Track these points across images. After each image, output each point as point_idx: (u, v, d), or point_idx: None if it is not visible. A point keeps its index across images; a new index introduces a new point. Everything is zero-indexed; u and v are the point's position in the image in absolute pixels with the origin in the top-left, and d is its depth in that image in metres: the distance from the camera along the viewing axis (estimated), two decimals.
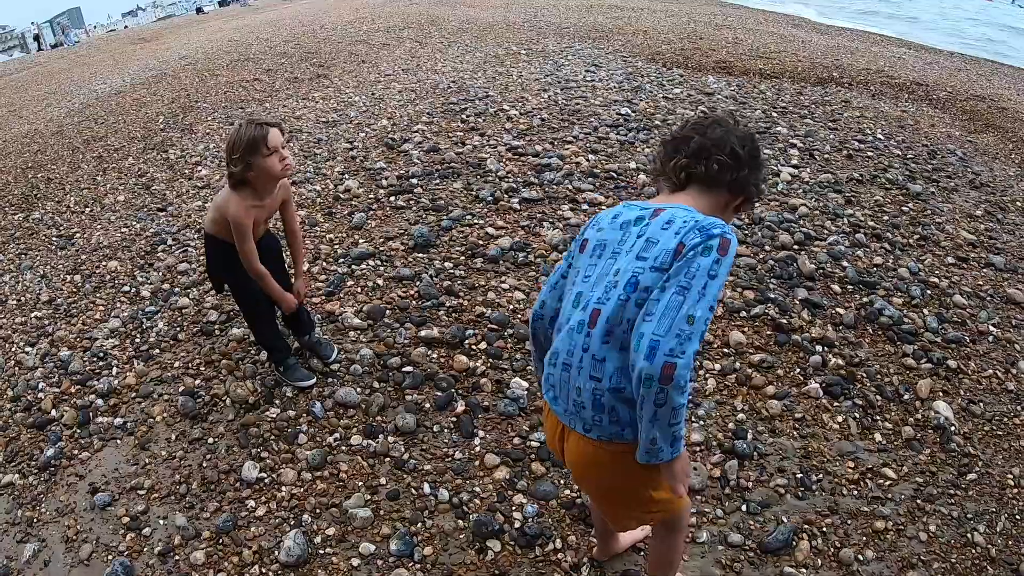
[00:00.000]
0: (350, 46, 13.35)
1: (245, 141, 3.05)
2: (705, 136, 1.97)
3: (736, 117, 2.11)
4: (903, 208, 5.78)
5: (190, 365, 4.02)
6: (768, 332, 4.12)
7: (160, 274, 5.07)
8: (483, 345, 4.00)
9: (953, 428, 3.62)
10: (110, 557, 2.98)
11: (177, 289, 4.82)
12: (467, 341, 4.03)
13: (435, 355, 3.95)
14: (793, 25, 21.09)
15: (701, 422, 3.52)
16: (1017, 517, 3.21)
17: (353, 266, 4.78)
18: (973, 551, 3.03)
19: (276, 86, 10.47)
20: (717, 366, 3.86)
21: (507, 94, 8.54)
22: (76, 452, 3.53)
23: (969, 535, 3.10)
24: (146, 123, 9.18)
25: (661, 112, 7.73)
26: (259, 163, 3.10)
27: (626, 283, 1.80)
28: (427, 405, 3.64)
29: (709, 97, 8.66)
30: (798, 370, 3.88)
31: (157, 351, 4.19)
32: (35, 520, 3.20)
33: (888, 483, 3.29)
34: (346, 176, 6.21)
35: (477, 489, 3.21)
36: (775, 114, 8.01)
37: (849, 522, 3.09)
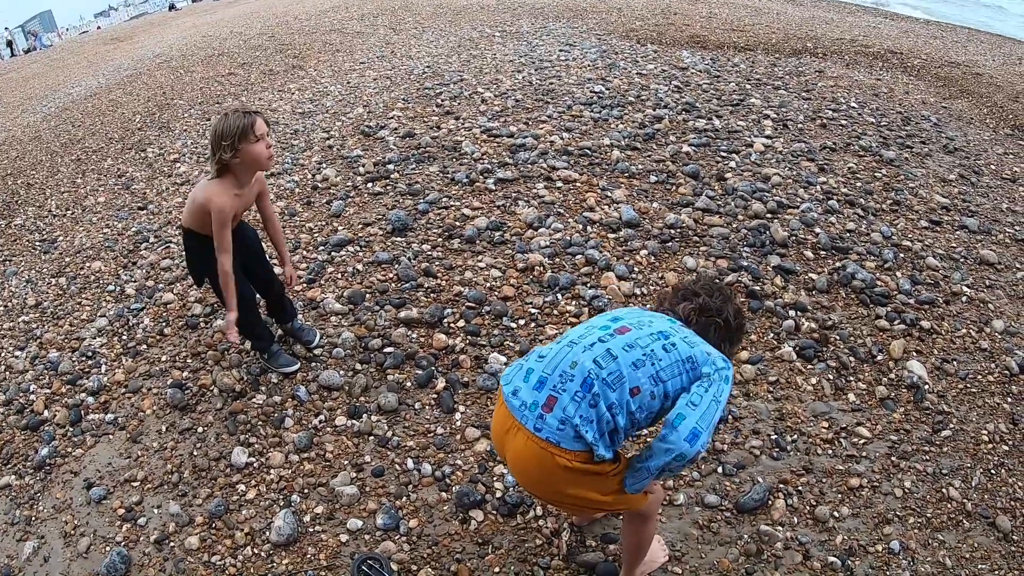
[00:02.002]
0: (324, 36, 13.33)
1: (236, 128, 3.12)
2: (712, 298, 2.37)
3: (731, 294, 2.49)
4: (876, 174, 5.90)
5: (177, 358, 4.08)
6: (742, 299, 4.23)
7: (144, 271, 5.11)
8: (461, 323, 4.10)
9: (927, 386, 3.74)
10: (108, 548, 3.05)
11: (161, 285, 4.87)
12: (445, 320, 4.13)
13: (415, 335, 4.04)
14: None
15: None
16: (992, 472, 3.34)
17: (333, 253, 4.86)
18: (949, 505, 3.15)
19: (252, 79, 10.45)
20: None
21: (481, 77, 8.59)
22: (70, 450, 3.59)
23: (944, 490, 3.21)
24: (123, 123, 9.16)
25: (635, 88, 7.81)
26: (247, 149, 3.17)
27: (582, 383, 2.09)
28: (408, 384, 3.74)
29: (683, 72, 8.73)
30: (772, 335, 4.00)
31: (144, 347, 4.24)
32: (33, 518, 3.26)
33: (863, 441, 3.41)
34: (324, 165, 6.26)
35: (459, 462, 3.31)
36: (749, 86, 8.10)
37: (824, 480, 3.20)
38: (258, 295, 3.87)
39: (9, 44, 42.55)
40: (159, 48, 16.03)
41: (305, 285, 4.54)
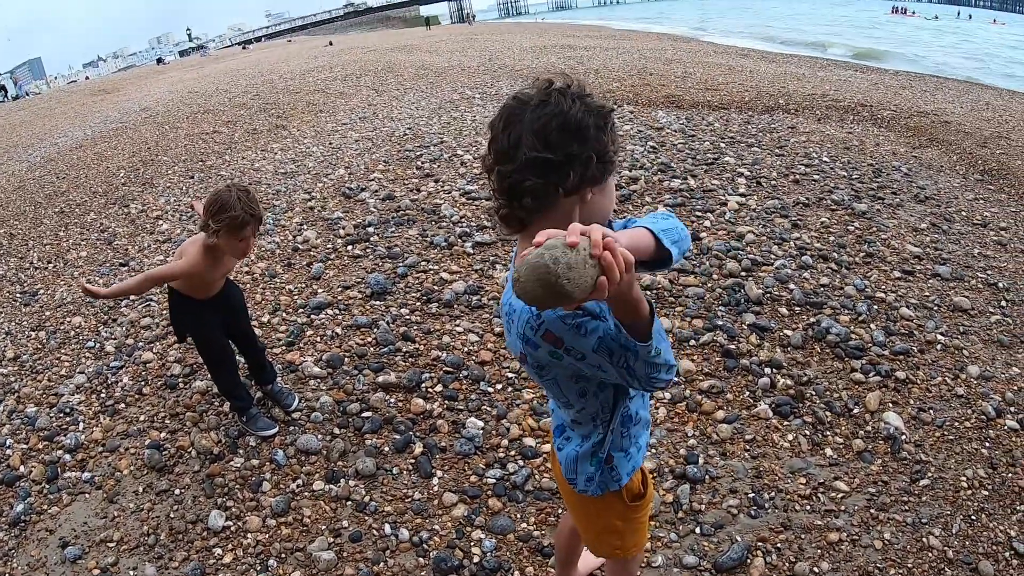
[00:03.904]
0: (308, 96, 13.68)
1: (227, 220, 3.22)
2: (500, 161, 1.61)
3: (533, 91, 1.60)
4: (849, 227, 6.06)
5: (155, 418, 4.13)
6: (717, 358, 4.32)
7: (123, 329, 5.20)
8: (439, 388, 4.19)
9: (904, 437, 3.81)
10: None
11: (141, 343, 4.95)
12: (423, 384, 4.21)
13: (393, 399, 4.12)
14: (741, 56, 21.79)
15: (653, 450, 3.68)
16: (972, 517, 3.37)
17: (312, 316, 4.97)
18: (930, 554, 3.18)
19: (235, 138, 10.70)
20: (667, 395, 4.04)
21: (461, 139, 8.83)
22: (45, 507, 3.61)
23: (925, 539, 3.24)
24: (107, 177, 9.37)
25: None
26: (228, 241, 3.30)
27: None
28: (386, 448, 3.80)
29: (659, 132, 8.99)
30: (747, 393, 4.07)
31: (123, 405, 4.30)
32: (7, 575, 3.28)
33: (841, 495, 3.45)
34: (304, 227, 6.41)
35: (436, 527, 3.34)
36: (723, 144, 8.33)
37: (803, 536, 3.24)
38: (239, 356, 4.00)
39: (2, 88, 43.21)
40: (146, 102, 16.39)
41: (284, 347, 4.63)
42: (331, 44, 38.45)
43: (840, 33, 44.83)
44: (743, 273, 5.20)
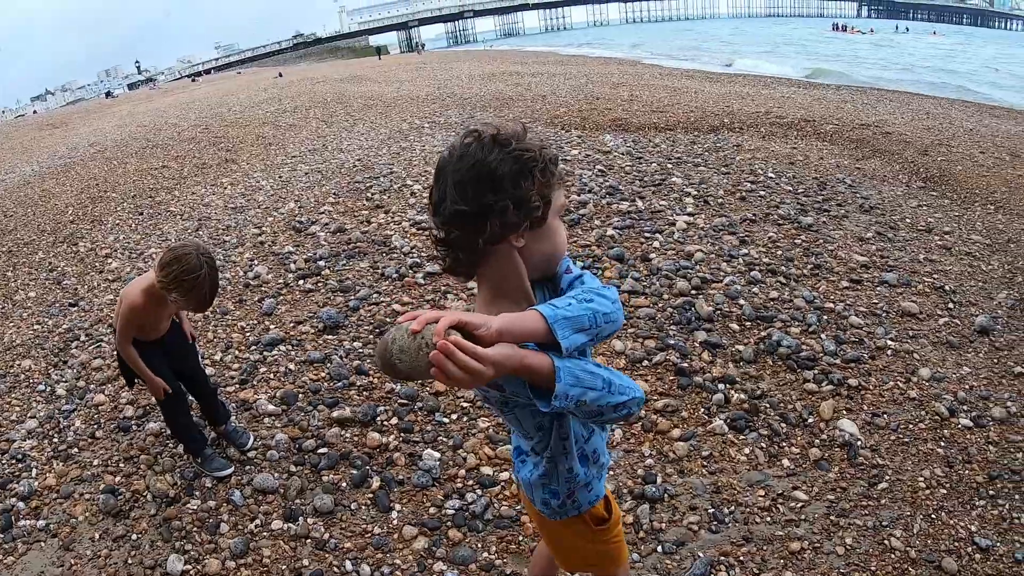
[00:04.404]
0: (257, 128, 13.74)
1: (176, 281, 3.24)
2: (434, 214, 1.68)
3: (463, 143, 1.67)
4: (796, 241, 6.26)
5: (109, 462, 4.11)
6: (671, 377, 4.44)
7: (75, 371, 5.16)
8: (394, 420, 4.24)
9: (859, 442, 3.94)
10: None
11: (92, 386, 4.92)
12: (379, 417, 4.26)
13: (348, 434, 4.16)
14: (687, 77, 22.33)
15: (611, 472, 3.75)
16: (932, 516, 3.49)
17: (265, 353, 4.99)
18: (893, 556, 3.28)
19: (184, 173, 10.71)
20: None
21: (411, 169, 8.97)
22: (0, 557, 3.56)
23: (887, 541, 3.35)
24: (56, 215, 9.31)
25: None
26: (174, 297, 3.34)
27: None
28: (343, 484, 3.82)
29: (606, 155, 9.20)
30: (702, 410, 4.19)
31: (76, 450, 4.27)
32: None
33: (800, 505, 3.56)
34: (255, 262, 6.45)
35: (398, 561, 3.37)
36: (670, 165, 8.56)
37: (765, 548, 3.33)
38: (191, 397, 4.01)
39: None
40: (94, 136, 16.31)
41: (238, 385, 4.64)
42: (280, 76, 38.72)
43: (780, 51, 46.23)
44: (693, 291, 5.35)
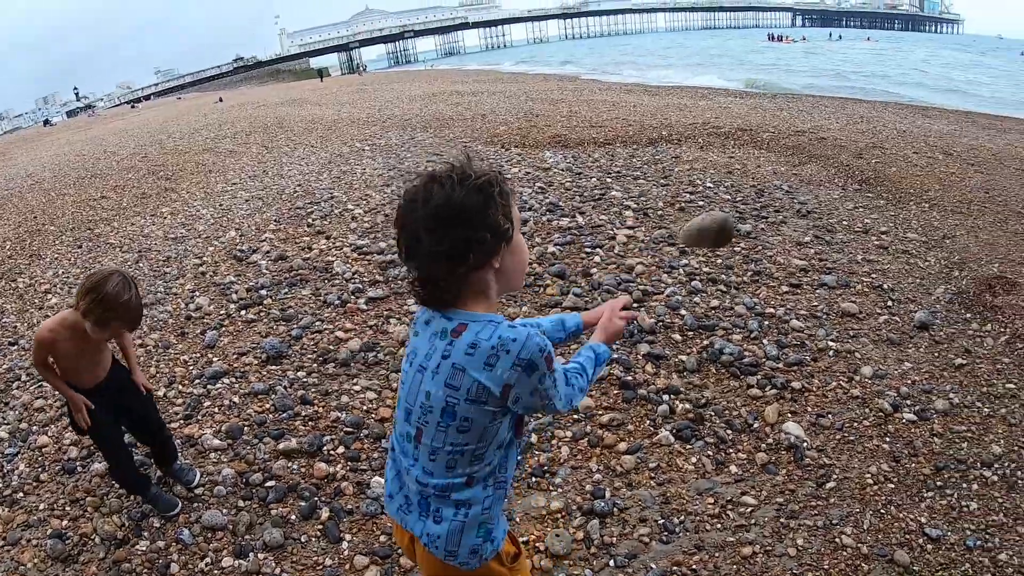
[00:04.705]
0: (197, 156, 13.63)
1: (102, 309, 3.16)
2: (409, 258, 1.83)
3: (418, 186, 1.82)
4: (735, 249, 6.40)
5: (55, 505, 3.99)
6: (615, 391, 4.50)
7: (16, 413, 5.00)
8: (341, 449, 4.21)
9: (805, 444, 4.03)
10: None
11: (35, 427, 4.78)
12: (325, 447, 4.22)
13: (295, 466, 4.10)
14: (626, 91, 22.68)
15: (559, 490, 3.79)
16: (882, 511, 3.58)
17: (209, 386, 4.92)
18: (844, 553, 3.35)
19: (124, 203, 10.55)
20: (568, 433, 4.17)
21: (352, 192, 8.98)
22: None
23: (838, 539, 3.42)
24: None
25: None
26: (94, 327, 3.25)
27: (442, 411, 1.85)
28: (293, 517, 3.78)
29: (546, 172, 9.32)
30: (648, 422, 4.24)
31: (21, 495, 4.14)
32: None
33: (750, 510, 3.62)
34: (197, 293, 6.38)
35: None
36: (609, 179, 8.69)
37: (717, 555, 3.37)
38: (141, 442, 3.97)
39: None
40: (31, 167, 16.01)
41: (182, 422, 4.57)
42: (221, 100, 38.43)
43: (716, 63, 47.28)
44: (635, 304, 5.42)
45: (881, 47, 72.45)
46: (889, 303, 5.60)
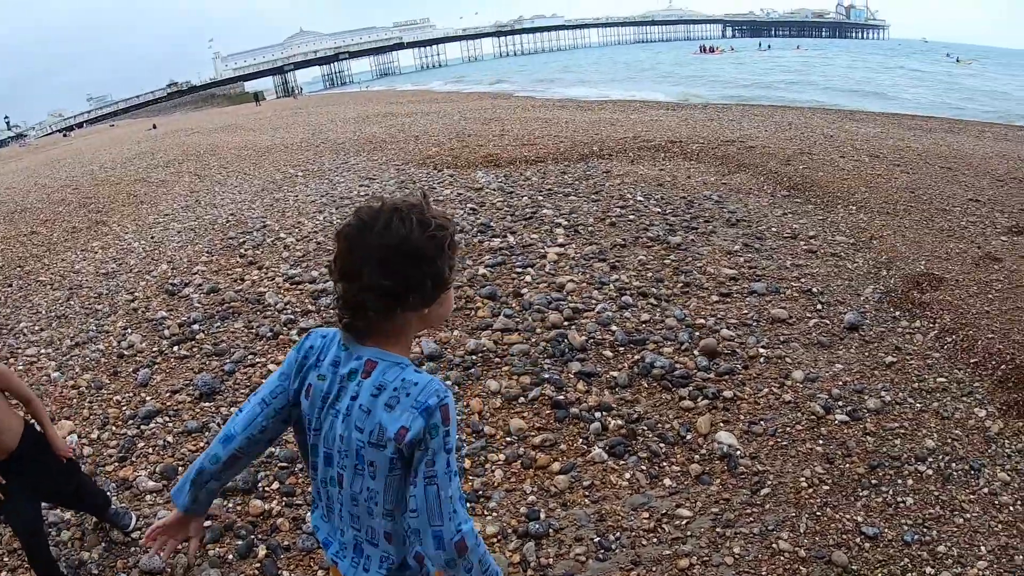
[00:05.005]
0: (129, 186, 13.40)
1: None
2: (346, 279, 1.78)
3: (377, 211, 1.76)
4: (665, 261, 6.51)
5: None
6: (547, 411, 4.52)
7: None
8: (276, 485, 4.16)
9: (738, 452, 4.09)
10: None
11: None
12: (260, 484, 4.17)
13: (231, 504, 4.04)
14: (559, 107, 22.93)
15: (494, 514, 3.79)
16: (818, 513, 3.65)
17: (143, 426, 4.82)
18: (782, 558, 3.41)
19: (54, 238, 10.29)
20: (501, 456, 4.18)
21: (284, 220, 8.92)
22: None
23: (775, 544, 3.48)
24: None
25: None
26: None
27: (356, 455, 1.83)
28: (230, 556, 3.71)
29: (478, 192, 9.37)
30: (581, 440, 4.27)
31: None
32: None
33: (685, 521, 3.66)
34: (129, 331, 6.25)
35: None
36: (541, 197, 8.78)
37: (654, 569, 3.40)
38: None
39: None
40: None
41: (117, 464, 4.47)
42: (155, 127, 37.85)
43: (647, 76, 48.23)
44: (566, 323, 5.48)
45: (810, 55, 74.67)
46: (819, 306, 5.74)
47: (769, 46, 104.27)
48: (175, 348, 5.83)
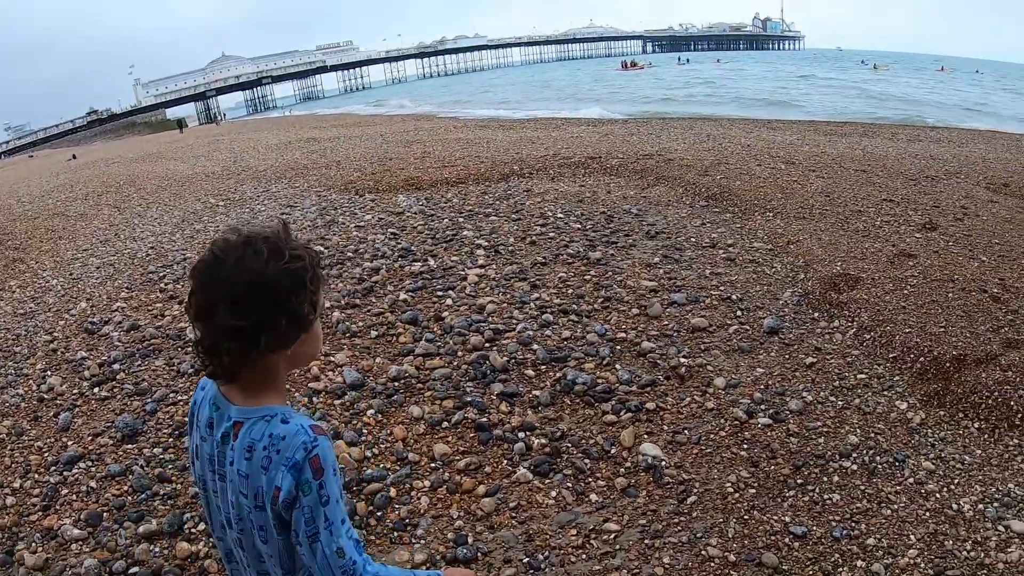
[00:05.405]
0: (47, 221, 13.03)
1: None
2: (199, 319, 1.69)
3: (232, 244, 1.66)
4: (586, 277, 6.61)
5: None
6: (471, 434, 4.53)
7: None
8: (202, 526, 4.06)
9: (663, 463, 4.16)
10: None
11: None
12: (186, 525, 4.08)
13: (158, 548, 3.95)
14: (480, 127, 23.09)
15: (421, 541, 3.78)
16: (746, 517, 3.74)
17: (65, 472, 4.67)
18: (712, 564, 3.48)
19: None
20: (426, 483, 4.17)
21: (204, 252, 8.76)
22: None
23: (704, 551, 3.55)
24: None
25: (353, 243, 8.32)
26: None
27: (248, 519, 1.77)
28: None
29: (399, 216, 9.38)
30: (505, 462, 4.29)
31: None
32: None
33: (613, 535, 3.71)
34: (49, 373, 6.05)
35: None
36: (461, 219, 8.83)
37: None
38: None
39: None
40: None
41: (40, 513, 4.33)
42: (74, 157, 37.07)
43: (570, 93, 48.98)
44: (487, 344, 5.51)
45: (729, 67, 76.86)
46: (738, 313, 5.88)
47: (688, 60, 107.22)
48: (96, 389, 5.68)
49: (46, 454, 4.97)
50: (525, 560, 3.59)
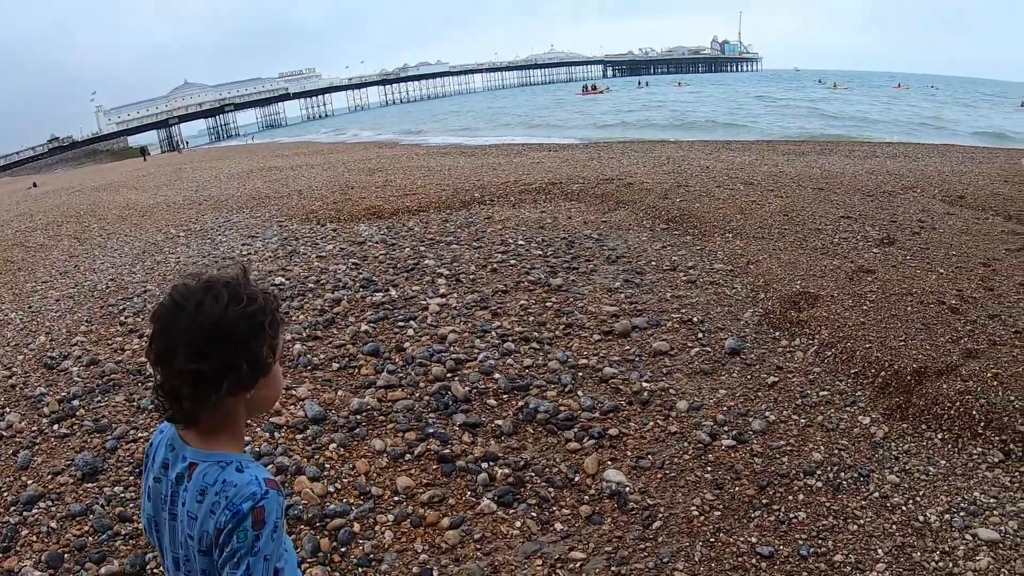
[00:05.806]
0: (6, 252, 12.87)
1: None
2: (159, 363, 1.70)
3: (192, 289, 1.70)
4: (547, 304, 6.64)
5: None
6: (434, 466, 4.52)
7: None
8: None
9: (628, 488, 4.18)
10: None
11: None
12: (148, 565, 4.01)
13: None
14: (442, 154, 23.19)
15: None
16: (712, 540, 3.75)
17: (25, 512, 4.58)
18: None
19: None
20: (390, 517, 4.14)
21: (165, 284, 8.72)
22: None
23: None
24: None
25: (315, 273, 8.31)
26: None
27: (194, 560, 1.78)
28: None
29: (361, 246, 9.38)
30: (469, 493, 4.28)
31: None
32: None
33: (579, 564, 3.70)
34: (7, 410, 5.94)
35: None
36: (423, 248, 8.86)
37: None
38: None
39: None
40: None
41: (1, 555, 4.24)
42: (35, 185, 36.87)
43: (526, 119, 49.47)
44: (449, 375, 5.52)
45: (687, 90, 78.17)
46: (700, 335, 5.94)
47: (648, 83, 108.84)
48: (55, 426, 5.59)
49: (5, 494, 4.89)
50: None
